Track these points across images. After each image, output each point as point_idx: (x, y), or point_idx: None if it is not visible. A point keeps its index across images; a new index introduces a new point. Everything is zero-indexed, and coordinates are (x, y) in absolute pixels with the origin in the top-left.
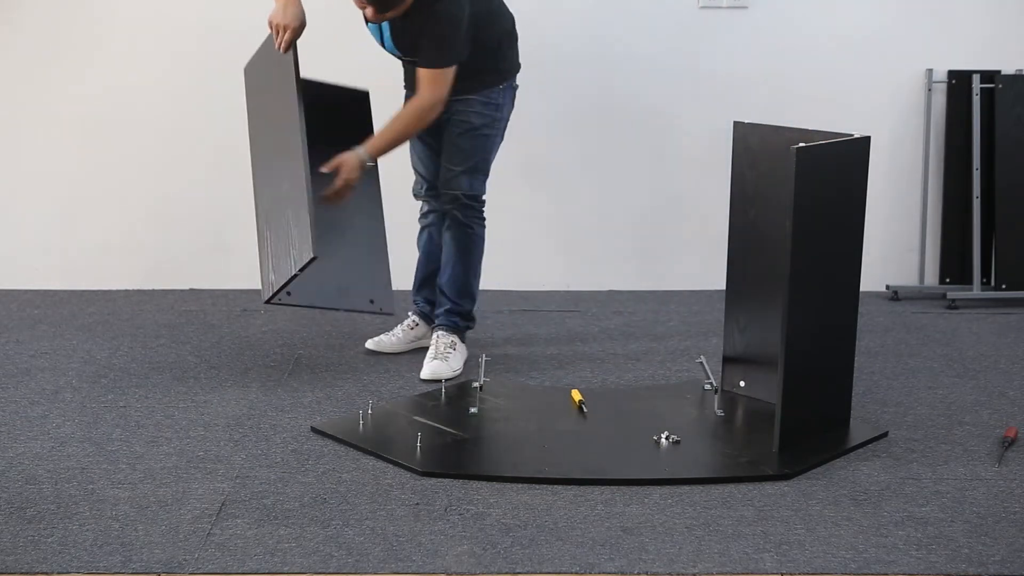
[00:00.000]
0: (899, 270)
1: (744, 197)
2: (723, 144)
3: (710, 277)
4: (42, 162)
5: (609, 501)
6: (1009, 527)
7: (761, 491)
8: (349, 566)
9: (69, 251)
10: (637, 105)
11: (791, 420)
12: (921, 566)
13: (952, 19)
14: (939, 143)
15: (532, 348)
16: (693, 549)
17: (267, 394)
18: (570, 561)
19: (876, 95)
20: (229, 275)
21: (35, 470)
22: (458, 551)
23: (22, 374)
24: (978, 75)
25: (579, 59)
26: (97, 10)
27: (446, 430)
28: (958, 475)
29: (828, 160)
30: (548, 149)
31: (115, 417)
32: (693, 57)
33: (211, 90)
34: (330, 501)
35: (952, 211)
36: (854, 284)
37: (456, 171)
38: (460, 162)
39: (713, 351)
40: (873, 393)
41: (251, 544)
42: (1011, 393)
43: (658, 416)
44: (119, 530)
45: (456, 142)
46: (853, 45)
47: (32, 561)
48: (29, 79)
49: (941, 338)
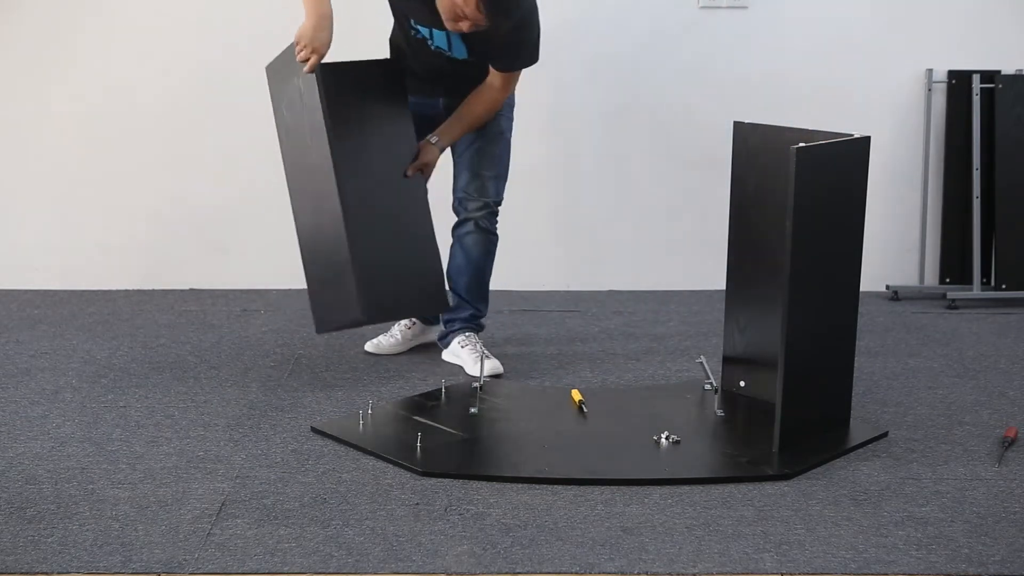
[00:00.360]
0: (899, 270)
1: (744, 197)
2: (723, 144)
3: (710, 277)
4: (42, 162)
5: (609, 501)
6: (1009, 527)
7: (761, 491)
8: (349, 566)
9: (69, 251)
10: (637, 105)
11: (791, 420)
12: (921, 566)
13: (952, 19)
14: (939, 143)
15: (532, 348)
16: (693, 549)
17: (267, 394)
18: (570, 561)
19: (876, 95)
20: (229, 275)
21: (35, 470)
22: (458, 551)
23: (22, 374)
24: (978, 75)
25: (578, 59)
26: (97, 10)
27: (446, 430)
28: (958, 475)
29: (828, 160)
30: (548, 149)
31: (115, 417)
32: (693, 57)
33: (212, 90)
34: (330, 501)
35: (952, 211)
36: (854, 284)
37: (488, 177)
38: (491, 168)
39: (713, 351)
40: (873, 393)
41: (251, 544)
42: (1011, 393)
43: (658, 416)
44: (119, 530)
45: (488, 149)
46: (853, 45)
47: (32, 561)
48: (29, 79)
49: (941, 338)
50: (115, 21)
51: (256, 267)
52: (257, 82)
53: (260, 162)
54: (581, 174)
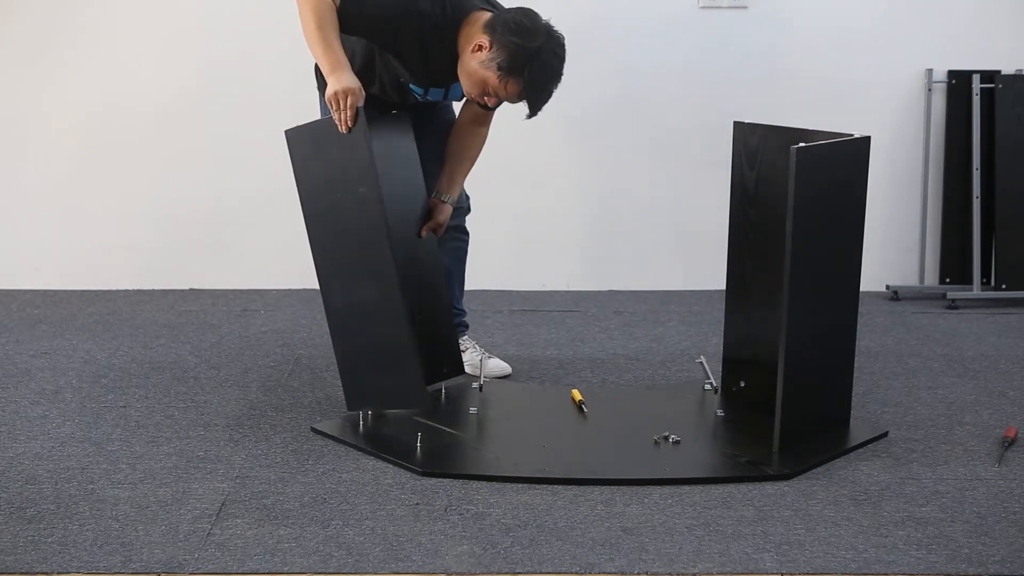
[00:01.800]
0: (899, 270)
1: (744, 197)
2: (723, 144)
3: (710, 277)
4: (42, 162)
5: (609, 501)
6: (1009, 527)
7: (761, 491)
8: (349, 566)
9: (69, 251)
10: (637, 105)
11: (791, 420)
12: (921, 566)
13: (952, 19)
14: (939, 143)
15: (532, 348)
16: (693, 549)
17: (267, 394)
18: (570, 561)
19: (876, 95)
20: (229, 275)
21: (35, 470)
22: (458, 551)
23: (22, 374)
24: (978, 75)
25: (578, 59)
26: (98, 10)
27: (446, 430)
28: (958, 475)
29: (828, 160)
30: (548, 149)
31: (115, 417)
32: (693, 57)
33: (212, 90)
34: (330, 501)
35: (952, 211)
36: (854, 284)
37: (462, 182)
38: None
39: (713, 351)
40: (873, 393)
41: (251, 544)
42: (1011, 393)
43: (658, 416)
44: (119, 530)
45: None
46: (853, 45)
47: (32, 561)
48: (29, 79)
49: (941, 338)
50: (116, 21)
51: (256, 267)
52: (258, 82)
53: (260, 162)
54: (581, 174)
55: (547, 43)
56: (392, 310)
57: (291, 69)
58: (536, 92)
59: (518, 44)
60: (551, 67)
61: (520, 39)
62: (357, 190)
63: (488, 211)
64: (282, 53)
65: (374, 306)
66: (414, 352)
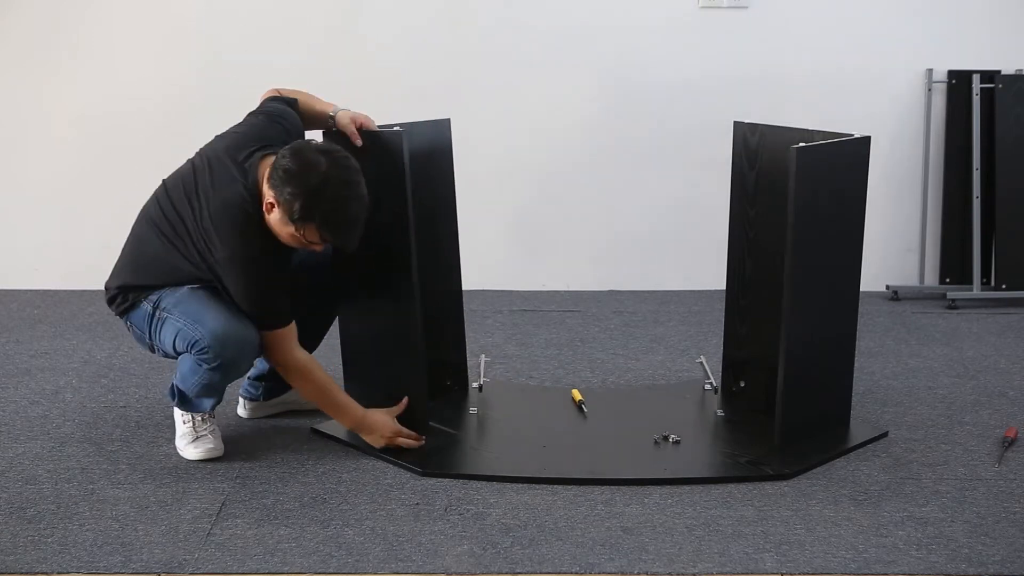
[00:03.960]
0: (899, 270)
1: (744, 197)
2: (723, 144)
3: (710, 277)
4: (42, 162)
5: (609, 501)
6: (1009, 527)
7: (761, 491)
8: (349, 566)
9: (69, 251)
10: (637, 105)
11: (791, 420)
12: (921, 566)
13: (952, 19)
14: (939, 143)
15: (532, 348)
16: (693, 549)
17: None
18: (570, 561)
19: (876, 95)
20: None
21: (35, 470)
22: (458, 551)
23: (22, 374)
24: (978, 75)
25: (578, 59)
26: (98, 10)
27: (446, 430)
28: (958, 475)
29: (828, 160)
30: (547, 149)
31: (115, 417)
32: (693, 57)
33: (212, 90)
34: (330, 501)
35: (952, 211)
36: (854, 284)
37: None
38: None
39: (713, 351)
40: (873, 393)
41: (251, 544)
42: (1011, 393)
43: (658, 416)
44: (119, 530)
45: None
46: (853, 45)
47: (32, 561)
48: (30, 79)
49: (941, 338)
50: (116, 22)
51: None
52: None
53: None
54: (581, 174)
55: (326, 176)
56: (407, 340)
57: (291, 70)
58: (336, 230)
59: (294, 193)
60: (341, 199)
61: (294, 187)
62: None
63: (488, 211)
64: (282, 53)
65: (388, 327)
66: (424, 399)
